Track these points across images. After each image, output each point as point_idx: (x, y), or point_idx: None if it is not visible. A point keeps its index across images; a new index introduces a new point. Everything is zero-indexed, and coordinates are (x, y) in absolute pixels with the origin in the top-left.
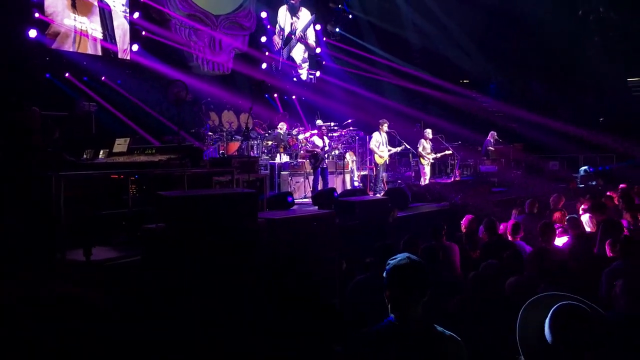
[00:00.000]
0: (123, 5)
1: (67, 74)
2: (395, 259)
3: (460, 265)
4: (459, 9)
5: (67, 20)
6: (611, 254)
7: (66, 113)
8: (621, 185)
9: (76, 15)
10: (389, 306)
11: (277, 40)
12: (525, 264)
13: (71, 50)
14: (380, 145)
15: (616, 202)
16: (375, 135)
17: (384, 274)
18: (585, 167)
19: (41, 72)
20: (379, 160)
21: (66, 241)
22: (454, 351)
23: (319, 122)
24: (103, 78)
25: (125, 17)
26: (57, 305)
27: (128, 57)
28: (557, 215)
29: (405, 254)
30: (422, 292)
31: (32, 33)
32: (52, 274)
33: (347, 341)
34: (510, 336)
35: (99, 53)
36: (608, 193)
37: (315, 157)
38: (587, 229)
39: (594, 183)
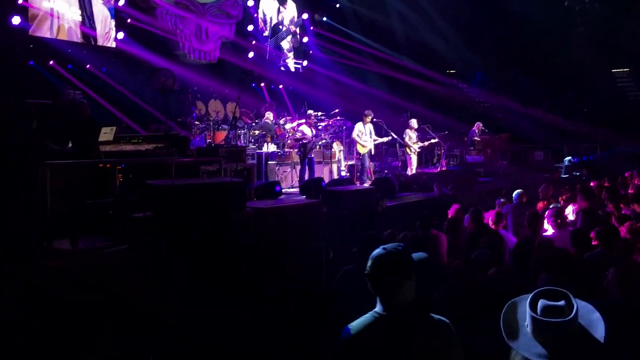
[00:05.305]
0: None
1: (51, 62)
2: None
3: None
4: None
5: (46, 3)
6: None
7: (50, 101)
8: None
9: None
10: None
11: (263, 26)
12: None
13: (48, 36)
14: (362, 135)
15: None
16: (358, 125)
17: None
18: (570, 157)
19: (25, 60)
20: (361, 150)
21: (53, 230)
22: (443, 335)
23: (310, 111)
24: (88, 66)
25: (107, 2)
26: None
27: (110, 44)
28: (540, 205)
29: (381, 246)
30: (399, 281)
31: (16, 20)
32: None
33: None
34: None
35: (78, 40)
36: (592, 183)
37: (304, 147)
38: (571, 218)
39: (577, 173)
